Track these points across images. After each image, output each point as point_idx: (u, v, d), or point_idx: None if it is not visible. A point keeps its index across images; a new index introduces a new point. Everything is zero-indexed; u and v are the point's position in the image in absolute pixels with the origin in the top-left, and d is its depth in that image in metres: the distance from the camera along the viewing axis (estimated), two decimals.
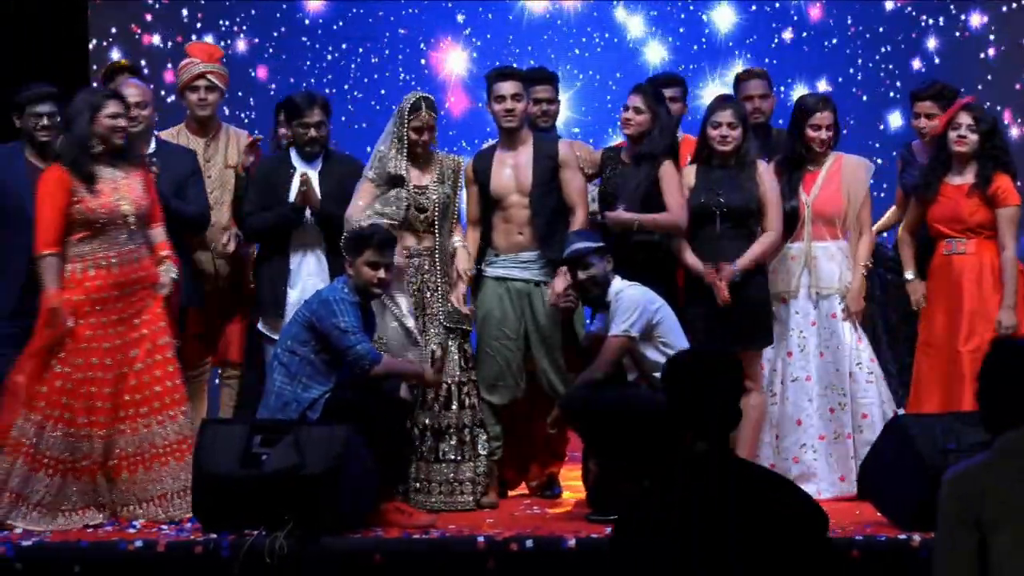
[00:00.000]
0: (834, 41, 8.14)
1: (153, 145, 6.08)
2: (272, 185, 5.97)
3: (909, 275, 6.09)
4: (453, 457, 5.83)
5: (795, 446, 5.93)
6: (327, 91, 7.41)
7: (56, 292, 5.41)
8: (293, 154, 6.07)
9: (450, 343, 5.86)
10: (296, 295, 5.86)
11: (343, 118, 7.70)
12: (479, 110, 7.52)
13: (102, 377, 5.43)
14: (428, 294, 5.90)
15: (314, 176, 5.96)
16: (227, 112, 7.51)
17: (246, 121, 7.73)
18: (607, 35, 8.18)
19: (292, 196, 5.91)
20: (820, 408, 5.97)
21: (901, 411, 5.95)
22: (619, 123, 6.01)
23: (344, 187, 5.90)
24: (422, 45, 8.18)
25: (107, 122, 5.52)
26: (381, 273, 5.45)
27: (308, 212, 5.93)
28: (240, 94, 7.97)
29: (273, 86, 8.03)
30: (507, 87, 5.88)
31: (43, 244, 5.42)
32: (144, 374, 5.49)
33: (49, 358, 5.39)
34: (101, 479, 5.47)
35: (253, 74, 8.12)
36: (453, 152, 6.29)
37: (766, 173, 5.91)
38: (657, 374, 5.45)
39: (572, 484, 6.18)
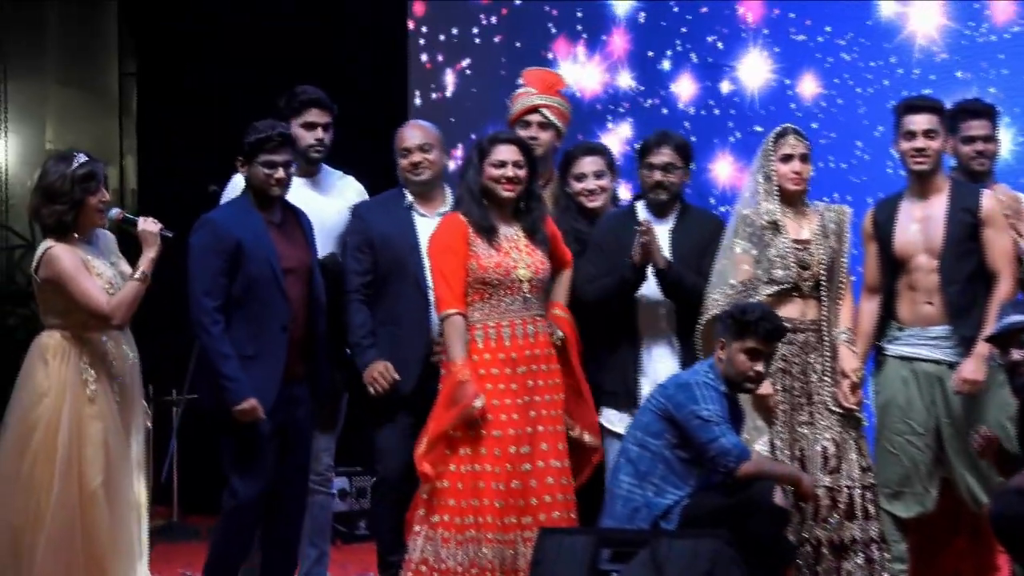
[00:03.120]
0: None
1: (450, 201, 6.08)
2: (616, 244, 5.95)
3: None
4: None
5: None
6: None
7: (464, 362, 5.53)
8: (640, 206, 6.07)
9: (846, 438, 5.81)
10: (647, 384, 5.86)
11: None
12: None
13: (491, 471, 5.54)
14: (815, 378, 5.85)
15: (664, 230, 5.94)
16: None
17: None
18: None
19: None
20: None
21: None
22: None
23: (702, 250, 5.89)
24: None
25: (491, 171, 5.66)
26: (760, 366, 5.46)
27: (650, 270, 5.86)
28: None
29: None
30: (919, 121, 5.82)
31: (447, 301, 5.57)
32: (534, 476, 5.58)
33: (447, 445, 5.55)
34: None
35: None
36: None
37: None
38: None
39: None
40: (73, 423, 5.45)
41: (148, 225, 5.56)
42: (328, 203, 6.18)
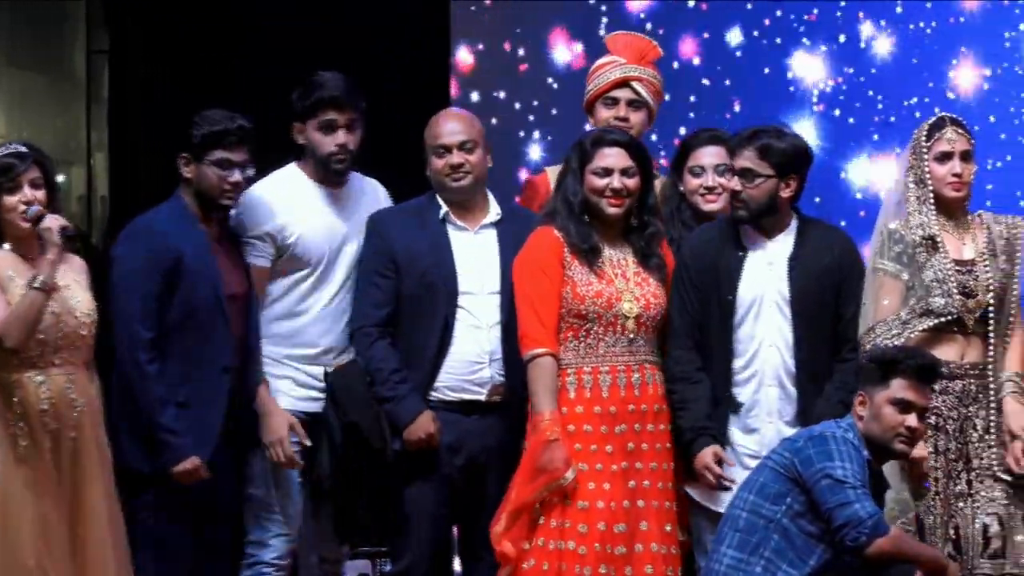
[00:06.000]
0: None
1: (495, 211, 5.95)
2: (711, 278, 5.75)
3: None
4: None
5: None
6: None
7: (553, 416, 5.50)
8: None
9: (1014, 513, 5.65)
10: (747, 453, 5.75)
11: None
12: None
13: (574, 550, 5.49)
14: (975, 437, 5.68)
15: (779, 255, 5.72)
16: None
17: None
18: None
19: (741, 294, 5.72)
20: None
21: None
22: None
23: (836, 280, 5.73)
24: None
25: (594, 181, 5.58)
26: (912, 421, 5.31)
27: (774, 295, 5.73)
28: None
29: None
30: None
31: (536, 337, 5.56)
32: (630, 563, 5.51)
33: (535, 518, 5.51)
34: None
35: None
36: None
37: None
38: None
39: None
40: (0, 491, 5.33)
41: (49, 222, 5.39)
42: (358, 222, 6.01)
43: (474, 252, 5.84)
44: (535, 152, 8.43)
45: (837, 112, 7.81)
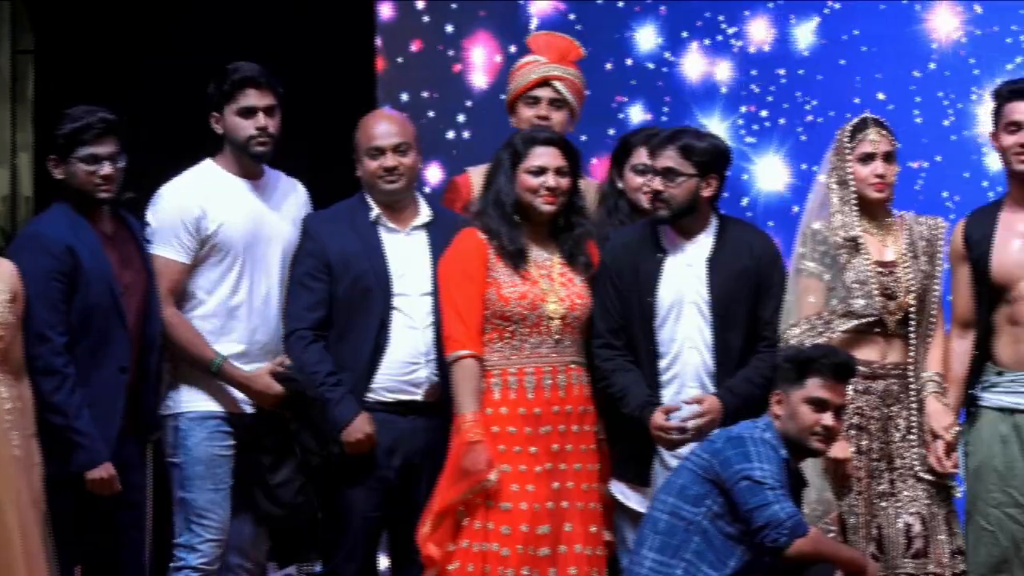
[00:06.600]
0: None
1: (426, 213, 5.95)
2: (632, 279, 5.75)
3: None
4: None
5: None
6: None
7: (476, 417, 5.50)
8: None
9: (936, 512, 5.67)
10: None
11: None
12: None
13: (497, 552, 5.47)
14: (898, 437, 5.70)
15: (698, 256, 5.72)
16: None
17: None
18: None
19: (660, 296, 5.69)
20: None
21: None
22: None
23: (754, 284, 5.71)
24: None
25: (528, 180, 5.57)
26: (828, 419, 5.31)
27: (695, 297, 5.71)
28: None
29: None
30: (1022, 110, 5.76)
31: (459, 339, 5.56)
32: (554, 564, 5.51)
33: (459, 520, 5.51)
34: None
35: None
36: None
37: None
38: None
39: None
40: None
41: None
42: (281, 216, 5.98)
43: (406, 253, 5.82)
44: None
45: (765, 113, 7.86)
